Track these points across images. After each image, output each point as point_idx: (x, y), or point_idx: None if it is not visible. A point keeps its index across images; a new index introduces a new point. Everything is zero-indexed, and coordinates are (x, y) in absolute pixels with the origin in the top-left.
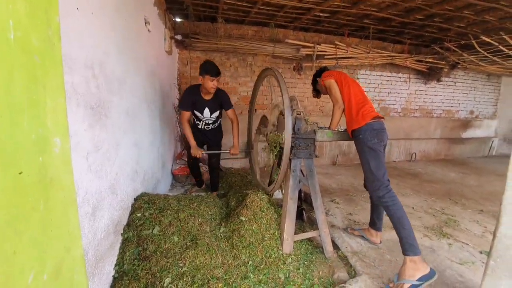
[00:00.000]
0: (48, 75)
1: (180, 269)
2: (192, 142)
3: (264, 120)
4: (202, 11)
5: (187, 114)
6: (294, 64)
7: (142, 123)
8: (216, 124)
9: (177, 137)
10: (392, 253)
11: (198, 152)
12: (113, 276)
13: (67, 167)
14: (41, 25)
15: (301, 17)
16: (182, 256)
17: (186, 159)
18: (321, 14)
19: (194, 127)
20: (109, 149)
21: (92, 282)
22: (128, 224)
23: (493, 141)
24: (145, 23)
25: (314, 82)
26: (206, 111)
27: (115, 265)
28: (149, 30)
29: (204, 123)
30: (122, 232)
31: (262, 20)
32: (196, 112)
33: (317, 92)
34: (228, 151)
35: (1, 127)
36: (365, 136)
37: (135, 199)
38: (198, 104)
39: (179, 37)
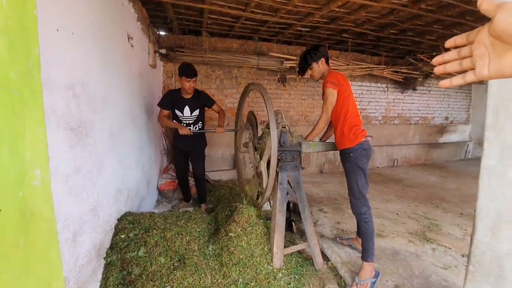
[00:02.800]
0: (28, 107)
1: None
2: (177, 124)
3: (250, 116)
4: (187, 25)
5: (165, 112)
6: (278, 76)
7: (127, 139)
8: (197, 127)
9: (163, 151)
10: (379, 261)
11: (186, 130)
12: None
13: (48, 198)
14: (21, 58)
15: (283, 31)
16: (170, 278)
17: (175, 173)
18: (302, 29)
19: (175, 131)
20: (91, 170)
21: None
22: (111, 247)
23: (468, 145)
24: (128, 38)
25: (305, 62)
26: (186, 109)
27: None
28: (132, 46)
29: (184, 124)
30: (105, 256)
31: (246, 34)
32: (176, 112)
33: (304, 71)
34: (214, 131)
35: None
36: (356, 156)
37: (119, 220)
38: (178, 103)
39: (163, 50)
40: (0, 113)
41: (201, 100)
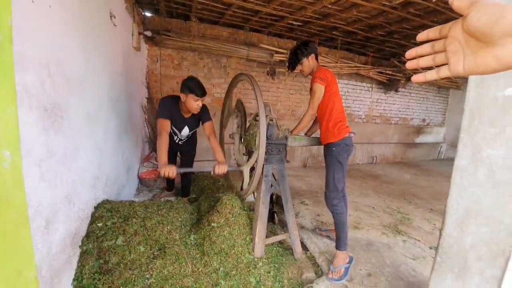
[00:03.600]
0: None
1: (146, 280)
2: (163, 159)
3: (239, 105)
4: (175, 8)
5: (167, 124)
6: (268, 69)
7: (106, 124)
8: (190, 135)
9: (145, 139)
10: (353, 251)
11: (170, 170)
12: None
13: (18, 182)
14: None
15: (275, 23)
16: (149, 266)
17: (157, 162)
18: (294, 23)
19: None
20: (65, 154)
21: None
22: (87, 235)
23: (441, 146)
24: (111, 17)
25: (295, 57)
26: (185, 129)
27: (73, 280)
28: (115, 25)
29: (179, 138)
30: (80, 244)
31: (237, 23)
32: (173, 128)
33: (293, 66)
34: (211, 171)
35: None
36: (337, 151)
37: (96, 208)
38: (177, 122)
39: (148, 33)
40: None
41: (200, 115)
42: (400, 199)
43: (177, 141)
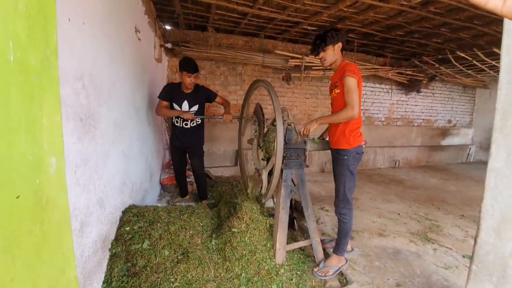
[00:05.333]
0: (45, 94)
1: (171, 284)
2: (176, 111)
3: (258, 109)
4: (193, 20)
5: (164, 103)
6: (283, 74)
7: (131, 132)
8: (195, 122)
9: (166, 146)
10: (380, 260)
11: (189, 115)
12: None
13: (62, 186)
14: (40, 44)
15: (289, 29)
16: (174, 270)
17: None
18: (308, 28)
19: (172, 126)
20: (97, 161)
21: None
22: (116, 239)
23: (470, 148)
24: (136, 31)
25: (323, 40)
26: (185, 104)
27: (103, 282)
28: (139, 39)
29: (181, 119)
30: (110, 247)
31: (252, 31)
32: (174, 105)
33: (317, 49)
34: (221, 117)
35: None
36: (349, 159)
37: (123, 212)
38: (177, 96)
39: (169, 45)
40: (19, 99)
41: (201, 95)
42: (428, 205)
43: (180, 126)
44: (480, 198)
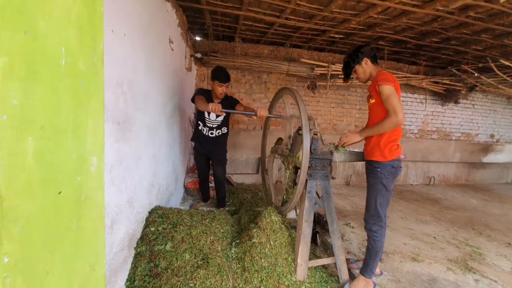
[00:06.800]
0: (91, 98)
1: None
2: (208, 105)
3: (279, 142)
4: (221, 31)
5: (201, 96)
6: (308, 83)
7: (161, 136)
8: (220, 132)
9: (191, 150)
10: (413, 287)
11: (216, 106)
12: None
13: (100, 184)
14: (88, 51)
15: (316, 38)
16: (193, 275)
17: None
18: (336, 36)
19: (196, 133)
20: (130, 163)
21: None
22: (141, 238)
23: None
24: (170, 42)
25: (347, 67)
26: (213, 113)
27: (127, 280)
28: (172, 49)
29: (208, 128)
30: (135, 246)
31: (278, 40)
32: (204, 114)
33: (348, 76)
34: (254, 114)
35: (48, 148)
36: (383, 173)
37: (150, 212)
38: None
39: (198, 55)
40: (68, 101)
41: (228, 104)
42: (468, 228)
43: (206, 134)
44: None
